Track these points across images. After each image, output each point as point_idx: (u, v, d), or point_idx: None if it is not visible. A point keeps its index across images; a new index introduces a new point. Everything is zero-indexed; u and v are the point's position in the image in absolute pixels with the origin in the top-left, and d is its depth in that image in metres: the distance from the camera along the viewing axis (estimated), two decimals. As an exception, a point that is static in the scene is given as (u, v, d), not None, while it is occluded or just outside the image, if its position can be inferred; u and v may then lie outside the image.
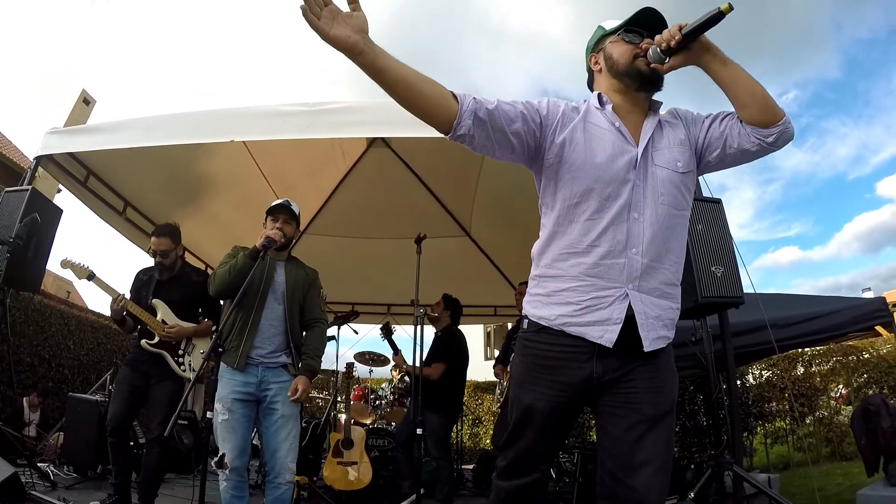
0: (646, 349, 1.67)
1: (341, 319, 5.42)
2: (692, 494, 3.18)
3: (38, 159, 4.16)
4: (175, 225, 3.91)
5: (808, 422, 8.57)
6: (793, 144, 1.80)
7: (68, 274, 3.72)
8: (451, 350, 4.84)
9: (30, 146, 17.45)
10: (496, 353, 8.57)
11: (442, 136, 1.71)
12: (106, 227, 5.04)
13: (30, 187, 3.99)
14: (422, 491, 4.41)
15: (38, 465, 4.32)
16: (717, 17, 1.57)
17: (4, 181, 7.45)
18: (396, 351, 5.41)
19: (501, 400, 4.84)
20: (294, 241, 3.41)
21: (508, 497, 1.91)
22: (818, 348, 8.52)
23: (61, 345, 7.52)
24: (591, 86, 1.98)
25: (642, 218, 1.70)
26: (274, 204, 3.32)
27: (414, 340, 3.53)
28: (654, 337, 1.69)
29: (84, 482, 4.48)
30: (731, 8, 1.54)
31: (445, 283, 5.19)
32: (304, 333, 3.32)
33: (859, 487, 4.58)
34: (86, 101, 18.01)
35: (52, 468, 4.69)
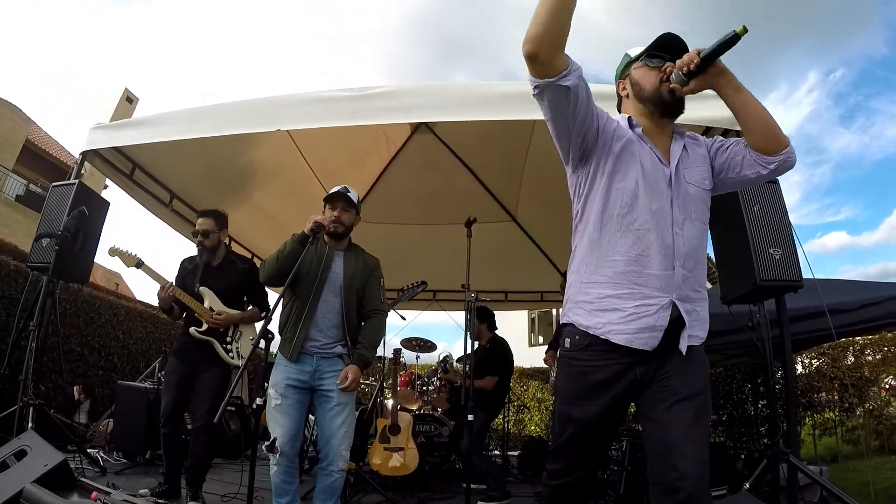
0: (683, 351, 1.81)
1: (407, 293, 5.38)
2: (747, 485, 3.08)
3: (84, 154, 4.21)
4: (222, 210, 3.94)
5: (857, 413, 8.33)
6: (841, 125, 1.91)
7: (117, 265, 3.78)
8: (501, 361, 4.94)
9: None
10: (540, 339, 8.52)
11: (490, 120, 1.98)
12: (151, 221, 5.12)
13: (77, 181, 4.05)
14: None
15: (88, 451, 4.39)
16: (733, 40, 1.66)
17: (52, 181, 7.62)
18: (446, 370, 5.52)
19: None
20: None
21: (555, 494, 2.02)
22: (870, 337, 8.24)
23: (110, 334, 7.73)
24: (619, 109, 2.09)
25: (682, 233, 1.83)
26: (332, 191, 3.24)
27: (466, 326, 3.44)
28: (690, 336, 1.83)
29: (133, 468, 4.57)
30: (745, 30, 1.62)
31: (491, 269, 5.14)
32: (363, 323, 3.25)
33: None
34: (129, 100, 18.45)
35: (102, 454, 4.79)
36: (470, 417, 3.37)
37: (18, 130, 16.90)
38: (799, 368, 8.66)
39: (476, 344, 4.96)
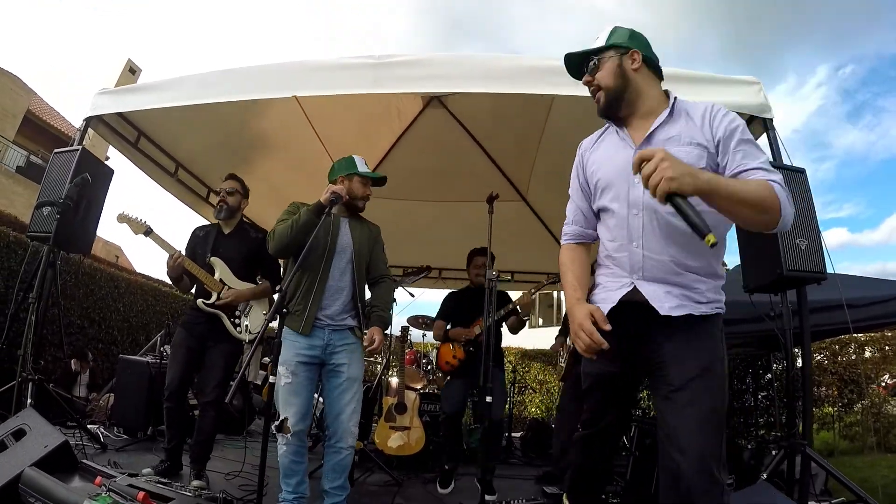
0: (663, 313, 1.83)
1: (412, 275, 5.27)
2: (764, 475, 3.09)
3: (88, 120, 4.05)
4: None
5: (856, 409, 8.38)
6: (848, 122, 1.84)
7: (118, 236, 3.66)
8: (504, 297, 4.62)
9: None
10: (540, 321, 8.46)
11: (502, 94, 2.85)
12: (154, 193, 5.00)
13: (80, 147, 3.89)
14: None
15: (88, 426, 4.30)
16: (694, 229, 1.51)
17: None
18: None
19: (564, 370, 4.68)
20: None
21: (583, 442, 2.23)
22: (871, 334, 8.30)
23: (111, 307, 7.64)
24: None
25: (640, 213, 1.88)
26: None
27: (487, 303, 3.33)
28: (671, 305, 1.84)
29: (134, 444, 4.47)
30: (714, 246, 1.50)
31: (498, 248, 5.01)
32: (372, 290, 3.20)
33: None
34: (132, 70, 18.18)
35: (102, 430, 4.68)
36: (488, 399, 3.27)
37: (19, 101, 16.64)
38: (799, 362, 8.65)
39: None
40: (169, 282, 3.80)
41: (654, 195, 1.55)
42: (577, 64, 2.11)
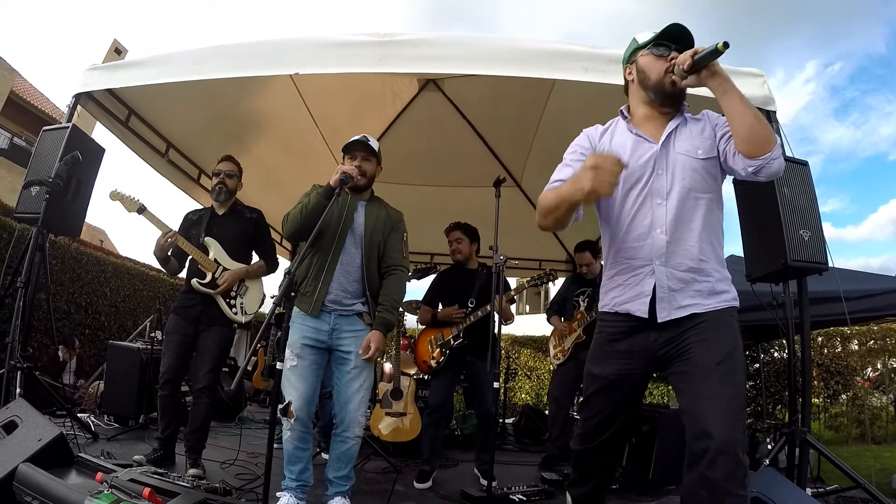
0: (660, 320, 1.95)
1: (420, 273, 5.20)
2: (767, 462, 3.12)
3: (78, 97, 3.88)
4: None
5: (841, 400, 8.54)
6: (835, 118, 1.97)
7: (102, 220, 3.54)
8: (507, 285, 4.31)
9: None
10: (527, 307, 8.44)
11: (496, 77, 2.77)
12: (143, 174, 4.87)
13: (70, 124, 3.74)
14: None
15: (78, 415, 4.20)
16: (714, 53, 1.78)
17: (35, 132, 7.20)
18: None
19: (566, 356, 4.58)
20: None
21: (580, 458, 2.28)
22: (856, 328, 8.45)
23: (98, 291, 7.49)
24: (626, 92, 2.24)
25: (664, 203, 1.98)
26: (351, 140, 3.03)
27: (495, 289, 3.28)
28: (674, 307, 1.96)
29: (126, 432, 4.37)
30: (726, 46, 1.74)
31: (488, 232, 4.96)
32: (383, 281, 3.07)
33: (891, 472, 4.60)
34: (117, 51, 17.74)
35: (93, 418, 4.57)
36: (496, 385, 3.23)
37: (2, 81, 16.14)
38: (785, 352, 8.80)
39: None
40: (157, 265, 3.70)
41: (683, 68, 1.86)
42: (685, 37, 2.03)
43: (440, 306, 4.43)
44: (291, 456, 2.81)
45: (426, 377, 5.77)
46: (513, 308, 4.62)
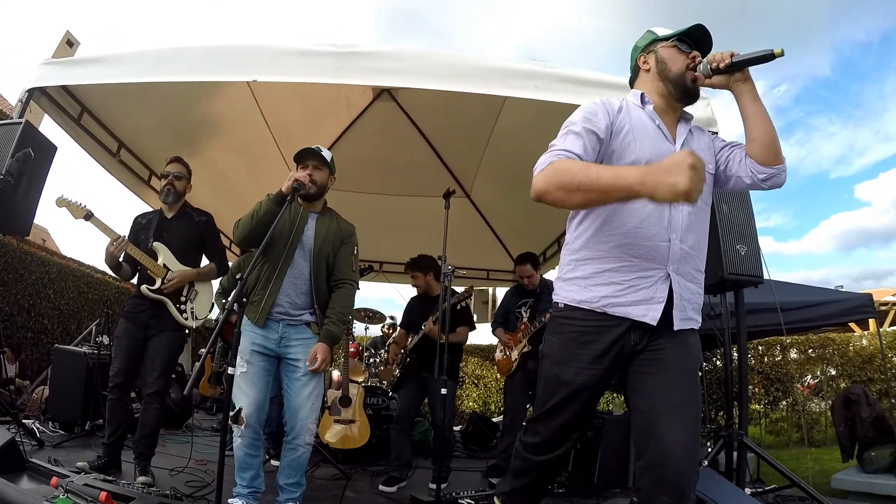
0: (676, 328, 1.86)
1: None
2: (706, 462, 3.25)
3: (31, 92, 3.75)
4: None
5: (781, 406, 8.89)
6: (781, 137, 1.97)
7: (44, 219, 3.46)
8: (466, 312, 4.64)
9: None
10: (475, 316, 8.56)
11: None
12: (96, 170, 4.74)
13: (23, 120, 3.61)
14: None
15: (23, 421, 4.05)
16: (768, 57, 1.79)
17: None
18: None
19: (514, 366, 4.70)
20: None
21: (539, 468, 2.14)
22: (795, 337, 8.84)
23: (41, 293, 7.23)
24: (632, 82, 2.18)
25: (683, 208, 1.89)
26: (302, 149, 3.06)
27: (442, 298, 3.37)
28: (683, 318, 1.89)
29: (72, 439, 4.24)
30: (782, 53, 1.74)
31: (438, 242, 5.07)
32: (331, 294, 3.08)
33: (829, 473, 4.82)
34: (69, 43, 17.11)
35: (38, 425, 4.44)
36: (444, 391, 3.32)
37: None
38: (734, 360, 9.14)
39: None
40: (101, 268, 3.65)
41: (717, 66, 1.87)
42: (705, 40, 2.02)
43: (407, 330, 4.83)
44: (242, 462, 2.81)
45: (377, 383, 5.84)
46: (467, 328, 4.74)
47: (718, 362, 9.04)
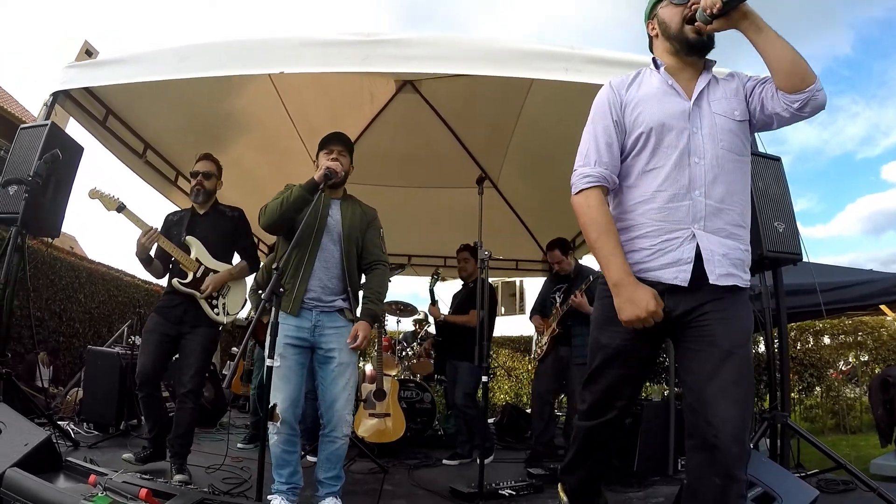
0: (712, 281, 1.83)
1: (392, 271, 5.26)
2: (751, 445, 3.19)
3: (55, 95, 3.79)
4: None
5: (815, 392, 8.73)
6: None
7: (72, 226, 3.44)
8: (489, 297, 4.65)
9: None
10: (502, 309, 8.52)
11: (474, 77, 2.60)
12: (121, 175, 4.77)
13: (49, 122, 3.65)
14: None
15: (58, 423, 4.07)
16: None
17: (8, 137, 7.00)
18: (434, 302, 5.28)
19: (542, 353, 4.68)
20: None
21: (588, 435, 2.17)
22: (827, 322, 8.66)
23: (72, 298, 7.31)
24: (652, 50, 2.17)
25: (703, 162, 1.88)
26: (327, 135, 3.04)
27: (480, 285, 3.34)
28: (721, 273, 1.84)
29: (107, 440, 4.27)
30: None
31: (465, 234, 5.02)
32: (364, 276, 3.09)
33: (866, 459, 4.66)
34: (88, 53, 17.32)
35: (72, 426, 4.47)
36: (484, 378, 3.37)
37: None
38: (762, 346, 8.99)
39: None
40: (130, 271, 3.64)
41: (712, 11, 1.80)
42: None
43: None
44: (280, 459, 2.77)
45: (409, 376, 5.82)
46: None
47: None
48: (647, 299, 1.77)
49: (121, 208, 3.41)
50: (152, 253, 3.51)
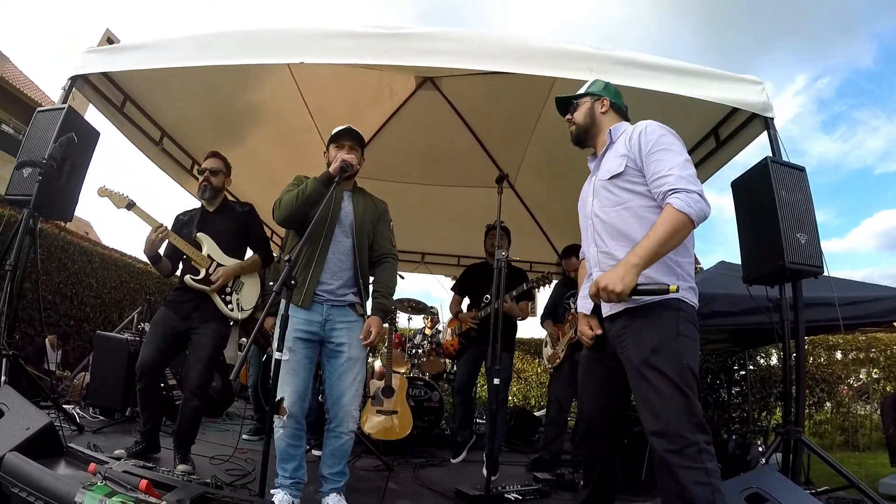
0: (604, 315, 2.31)
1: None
2: (763, 460, 3.28)
3: (74, 79, 3.77)
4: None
5: (826, 408, 8.63)
6: (822, 132, 1.96)
7: (87, 212, 3.42)
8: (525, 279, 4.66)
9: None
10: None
11: (495, 75, 3.23)
12: (138, 165, 4.77)
13: (66, 106, 3.63)
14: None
15: (64, 406, 4.05)
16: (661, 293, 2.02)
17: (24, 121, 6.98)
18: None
19: (560, 358, 4.63)
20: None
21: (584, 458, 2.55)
22: (842, 337, 8.55)
23: (84, 282, 7.35)
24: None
25: (593, 221, 2.36)
26: (338, 129, 3.00)
27: (497, 285, 3.29)
28: (606, 308, 2.29)
29: (112, 425, 4.26)
30: (677, 290, 1.97)
31: (480, 234, 4.97)
32: (374, 270, 3.07)
33: (874, 478, 4.59)
34: (109, 41, 17.39)
35: (78, 410, 4.46)
36: (496, 381, 3.24)
37: (-7, 67, 15.79)
38: (773, 360, 8.90)
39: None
40: (143, 258, 3.61)
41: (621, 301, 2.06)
42: (563, 105, 2.63)
43: (465, 298, 5.10)
44: (284, 453, 2.75)
45: (419, 374, 5.78)
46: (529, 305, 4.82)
47: (762, 360, 8.78)
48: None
49: (130, 206, 3.38)
50: (161, 251, 3.48)
